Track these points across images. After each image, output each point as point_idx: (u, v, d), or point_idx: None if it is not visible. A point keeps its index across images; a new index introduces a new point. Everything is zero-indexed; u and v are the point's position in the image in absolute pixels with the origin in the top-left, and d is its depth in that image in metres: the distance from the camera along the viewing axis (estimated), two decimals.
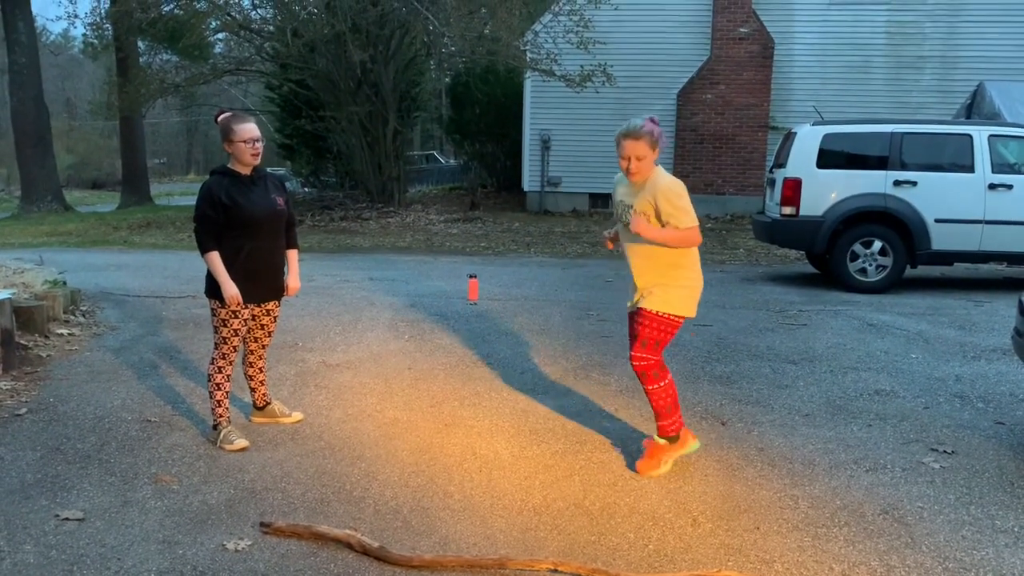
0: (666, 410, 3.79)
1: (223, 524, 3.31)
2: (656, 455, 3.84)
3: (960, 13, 15.66)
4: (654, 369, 3.75)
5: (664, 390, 3.76)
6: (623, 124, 3.65)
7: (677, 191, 3.62)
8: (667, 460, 3.83)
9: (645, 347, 3.75)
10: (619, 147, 3.64)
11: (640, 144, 3.59)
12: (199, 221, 4.02)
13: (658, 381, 3.75)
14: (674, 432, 3.83)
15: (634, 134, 3.59)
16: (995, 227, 8.68)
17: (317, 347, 6.18)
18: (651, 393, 3.78)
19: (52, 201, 20.82)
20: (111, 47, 22.81)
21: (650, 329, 3.74)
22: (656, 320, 3.73)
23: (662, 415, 3.80)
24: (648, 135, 3.58)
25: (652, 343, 3.75)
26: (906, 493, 3.70)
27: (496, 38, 14.88)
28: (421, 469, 3.91)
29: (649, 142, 3.59)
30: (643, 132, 3.58)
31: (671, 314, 3.73)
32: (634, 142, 3.59)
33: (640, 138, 3.58)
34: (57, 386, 5.11)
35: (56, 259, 9.83)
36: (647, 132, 3.58)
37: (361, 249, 12.78)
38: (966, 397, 5.13)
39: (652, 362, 3.75)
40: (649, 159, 3.62)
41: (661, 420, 3.82)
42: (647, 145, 3.59)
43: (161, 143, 50.44)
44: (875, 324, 7.19)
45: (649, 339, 3.74)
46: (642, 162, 3.61)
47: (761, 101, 16.08)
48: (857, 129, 9.18)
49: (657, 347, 3.75)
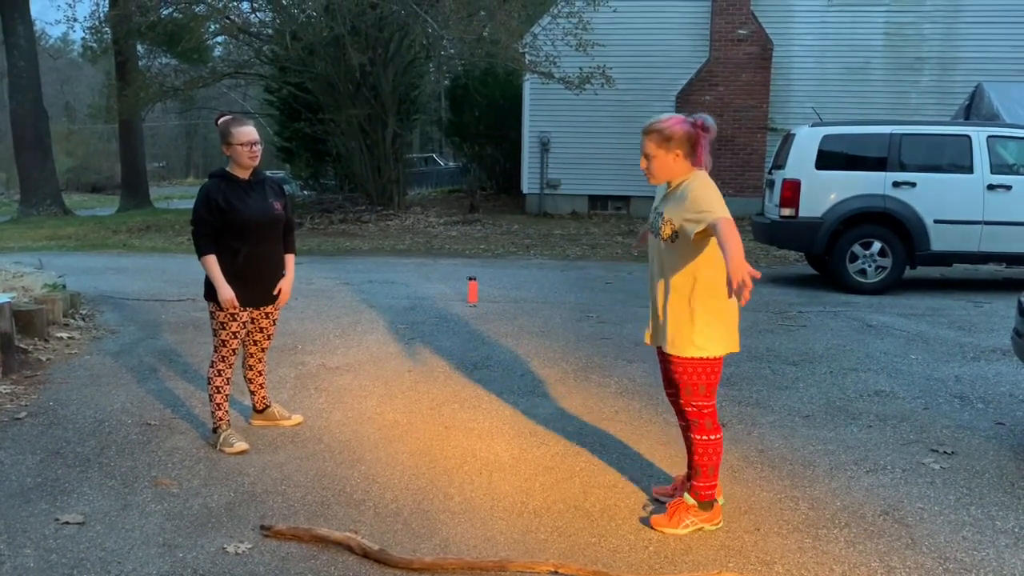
0: (707, 471, 3.30)
1: (223, 527, 3.31)
2: (678, 513, 3.32)
3: (958, 14, 15.68)
4: (709, 418, 3.28)
5: (714, 445, 3.29)
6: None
7: (706, 187, 3.12)
8: (688, 524, 3.29)
9: (691, 394, 3.26)
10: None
11: (648, 141, 3.21)
12: (196, 224, 4.03)
13: (710, 433, 3.28)
14: (707, 499, 3.32)
15: (645, 129, 3.24)
16: (994, 228, 8.68)
17: (317, 350, 6.18)
18: (696, 444, 3.30)
19: (51, 205, 20.82)
20: (110, 51, 22.83)
21: (689, 376, 3.24)
22: (691, 366, 3.23)
23: (702, 474, 3.31)
24: (656, 132, 3.18)
25: (697, 389, 3.25)
26: (906, 494, 3.70)
27: (495, 40, 14.89)
28: (421, 471, 3.91)
29: (657, 139, 3.18)
30: (652, 128, 3.20)
31: (710, 357, 3.21)
32: (644, 138, 3.23)
33: (648, 134, 3.22)
34: (57, 390, 5.11)
35: (55, 263, 9.84)
36: (656, 128, 3.19)
37: (360, 252, 12.78)
38: (966, 398, 5.13)
39: (707, 409, 3.27)
40: (662, 159, 3.19)
41: (698, 480, 3.32)
42: (655, 143, 3.19)
43: (160, 146, 50.45)
44: (875, 325, 7.20)
45: (693, 386, 3.25)
46: (653, 161, 3.21)
47: (760, 102, 16.09)
48: (856, 130, 9.19)
49: (706, 391, 3.25)
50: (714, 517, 3.35)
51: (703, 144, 3.18)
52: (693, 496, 3.34)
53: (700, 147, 3.18)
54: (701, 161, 3.20)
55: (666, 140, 3.18)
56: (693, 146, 3.17)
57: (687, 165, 3.21)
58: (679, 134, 3.16)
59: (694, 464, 3.34)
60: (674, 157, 3.19)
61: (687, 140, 3.17)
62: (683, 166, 3.21)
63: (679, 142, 3.17)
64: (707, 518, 3.33)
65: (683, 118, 3.20)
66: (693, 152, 3.18)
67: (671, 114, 3.26)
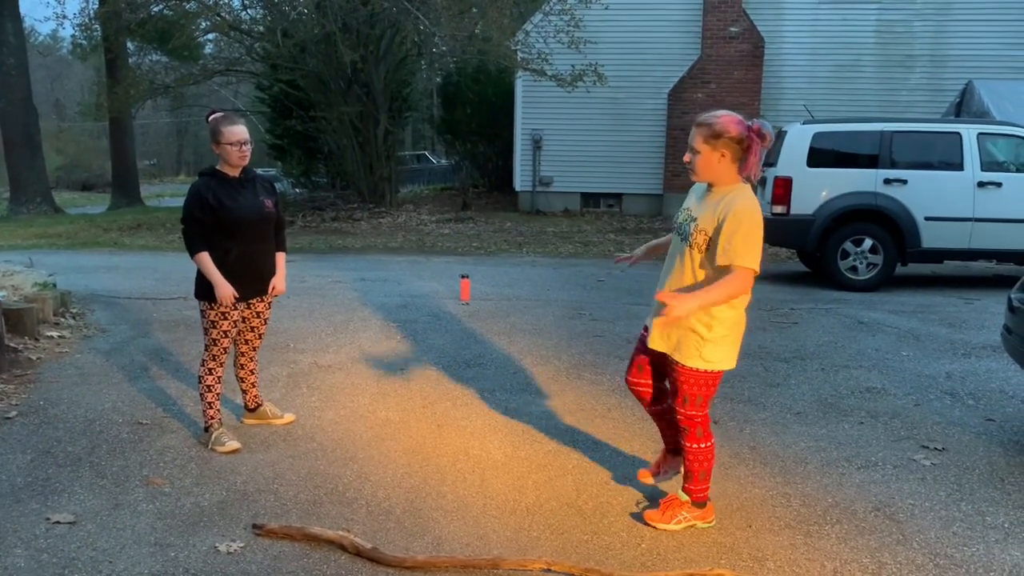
0: (699, 475, 3.31)
1: (215, 526, 3.30)
2: (671, 509, 3.35)
3: (949, 12, 15.73)
4: (701, 426, 3.26)
5: (706, 452, 3.29)
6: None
7: (754, 222, 2.97)
8: (681, 520, 3.32)
9: (688, 404, 3.23)
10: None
11: (697, 134, 3.05)
12: (187, 223, 4.02)
13: (702, 441, 3.27)
14: (700, 500, 3.35)
15: (696, 120, 3.08)
16: (984, 225, 8.72)
17: (309, 348, 6.17)
18: (689, 452, 3.30)
19: (41, 203, 20.72)
20: (100, 48, 22.73)
21: (690, 386, 3.21)
22: (696, 376, 3.19)
23: (696, 479, 3.32)
24: (707, 126, 3.02)
25: (695, 400, 3.22)
26: (897, 490, 3.72)
27: (487, 38, 14.87)
28: (414, 470, 3.91)
29: (706, 134, 3.01)
30: (703, 121, 3.05)
31: (712, 370, 3.18)
32: (694, 130, 3.07)
33: (699, 126, 3.05)
34: (47, 389, 5.09)
35: (46, 261, 9.79)
36: (707, 122, 3.02)
37: (353, 249, 12.76)
38: (956, 394, 5.16)
39: (701, 418, 3.26)
40: (707, 156, 3.03)
41: (692, 484, 3.33)
42: (702, 137, 3.02)
43: (151, 144, 50.24)
44: (866, 322, 7.22)
45: (692, 396, 3.22)
46: (697, 158, 3.05)
47: (751, 100, 16.11)
48: (847, 128, 9.21)
49: (703, 403, 3.24)
50: (707, 515, 3.37)
51: (755, 151, 3.01)
52: (687, 495, 3.36)
53: (752, 153, 3.01)
54: (749, 169, 3.04)
55: (715, 136, 3.01)
56: (745, 150, 3.01)
57: (733, 171, 3.06)
58: (730, 134, 3.00)
59: (687, 469, 3.35)
60: (719, 157, 3.03)
61: (737, 142, 3.00)
62: (729, 171, 3.06)
63: (727, 143, 3.01)
64: (700, 515, 3.36)
65: (740, 119, 3.04)
66: (743, 157, 3.02)
67: (729, 112, 3.08)
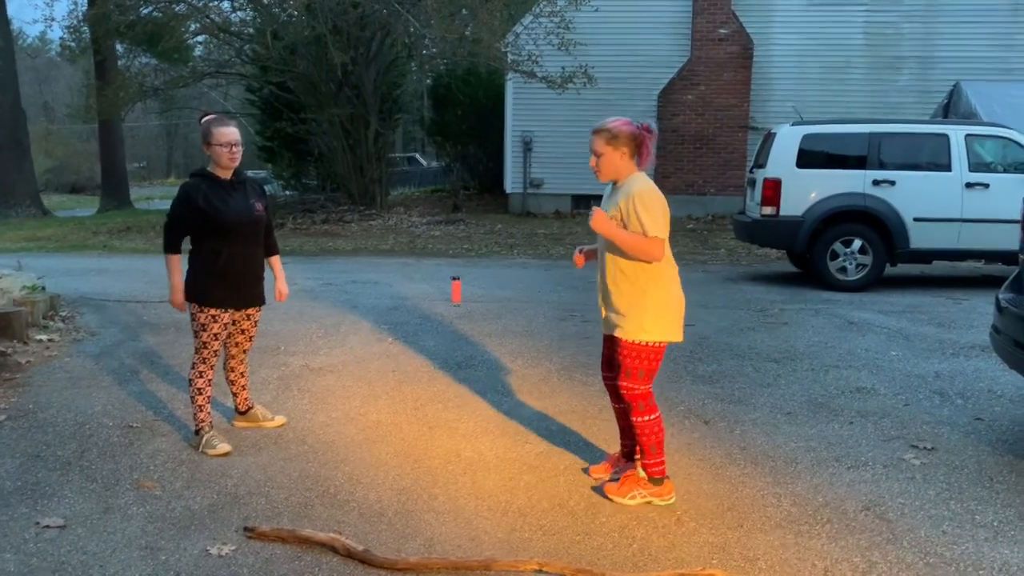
0: (651, 448, 3.52)
1: (206, 529, 3.30)
2: (628, 484, 3.57)
3: (937, 14, 15.82)
4: (642, 400, 3.49)
5: (652, 425, 3.50)
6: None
7: (650, 196, 3.39)
8: (638, 496, 3.52)
9: (630, 377, 3.49)
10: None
11: (597, 139, 3.47)
12: (170, 219, 4.08)
13: (646, 414, 3.49)
14: (657, 475, 3.54)
15: (595, 128, 3.49)
16: (972, 225, 8.77)
17: (300, 351, 6.16)
18: (638, 426, 3.52)
19: (30, 206, 20.62)
20: (89, 50, 22.64)
21: (632, 360, 3.48)
22: (636, 350, 3.46)
23: (647, 452, 3.53)
24: (606, 131, 3.45)
25: (636, 373, 3.47)
26: (887, 489, 3.74)
27: (477, 39, 14.87)
28: (405, 472, 3.91)
29: (606, 138, 3.44)
30: (602, 127, 3.46)
31: (651, 341, 3.45)
32: (594, 137, 3.49)
33: (598, 133, 3.47)
34: (37, 392, 5.07)
35: (35, 264, 9.74)
36: (606, 128, 3.45)
37: (343, 252, 12.74)
38: (945, 394, 5.19)
39: (642, 391, 3.49)
40: (609, 156, 3.45)
41: (646, 458, 3.54)
42: (603, 141, 3.45)
43: (141, 147, 50.01)
44: (855, 322, 7.25)
45: (633, 369, 3.47)
46: (601, 159, 3.47)
47: (741, 101, 16.17)
48: (836, 129, 9.26)
49: (644, 376, 3.48)
50: (664, 492, 3.54)
51: (647, 145, 3.48)
52: (644, 470, 3.57)
53: (645, 147, 3.47)
54: (645, 161, 3.50)
55: (614, 138, 3.45)
56: (638, 146, 3.47)
57: (632, 165, 3.50)
58: (625, 133, 3.44)
59: (640, 444, 3.56)
60: (620, 155, 3.46)
61: (632, 139, 3.45)
62: (628, 165, 3.50)
63: (625, 141, 3.44)
64: (656, 492, 3.53)
65: (629, 120, 3.48)
66: (638, 152, 3.48)
67: (619, 117, 3.52)
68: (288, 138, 19.93)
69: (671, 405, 4.93)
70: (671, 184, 16.49)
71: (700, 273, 10.37)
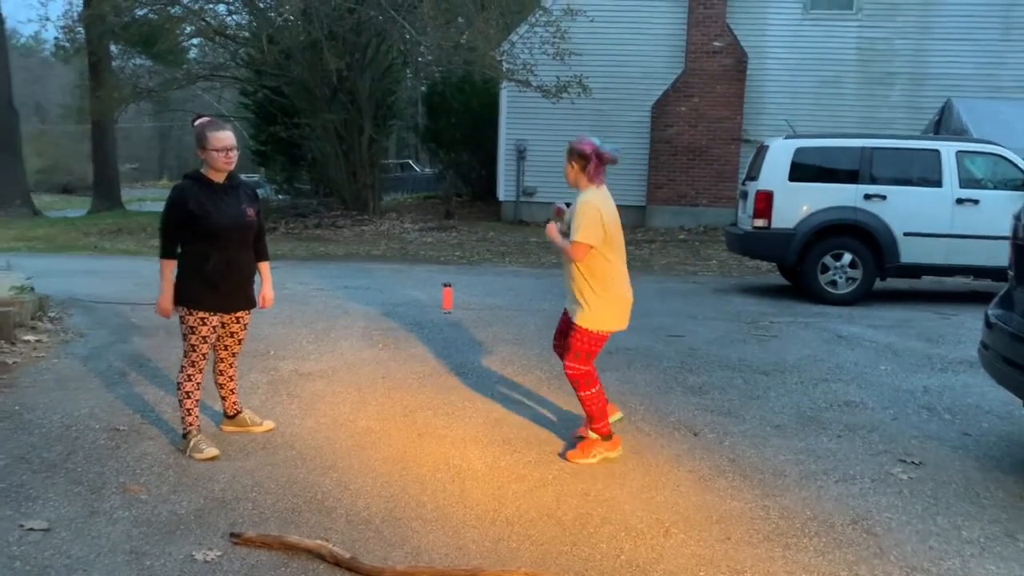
0: (599, 414, 4.15)
1: (192, 534, 3.28)
2: (587, 447, 4.18)
3: (929, 31, 15.94)
4: (585, 378, 4.11)
5: (595, 397, 4.13)
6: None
7: (586, 208, 3.97)
8: (596, 454, 4.16)
9: (577, 359, 4.11)
10: None
11: (567, 153, 4.09)
12: (164, 225, 4.03)
13: (588, 388, 4.12)
14: (606, 434, 4.19)
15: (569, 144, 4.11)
16: (962, 241, 8.82)
17: (289, 355, 6.14)
18: (583, 400, 4.15)
19: (20, 206, 20.52)
20: (83, 51, 22.54)
21: (580, 342, 4.09)
22: (585, 335, 4.09)
23: (595, 419, 4.16)
24: (568, 147, 4.08)
25: (584, 355, 4.10)
26: (875, 504, 3.74)
27: (472, 48, 14.90)
28: (394, 479, 3.89)
29: (566, 152, 4.07)
30: (571, 144, 4.08)
31: (596, 330, 4.08)
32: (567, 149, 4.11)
33: (568, 148, 4.09)
34: (23, 393, 5.03)
35: (24, 264, 9.69)
36: (572, 144, 4.06)
37: (335, 257, 12.72)
38: (933, 408, 5.21)
39: (583, 371, 4.11)
40: (567, 168, 4.09)
41: (594, 424, 4.17)
42: (566, 154, 4.08)
43: (133, 148, 49.84)
44: (845, 336, 7.28)
45: (581, 351, 4.10)
46: (566, 168, 4.09)
47: (734, 114, 16.24)
48: (828, 143, 9.30)
49: (588, 358, 4.11)
50: (614, 446, 4.20)
51: (595, 164, 4.01)
52: (596, 433, 4.18)
53: (592, 166, 4.01)
54: (595, 179, 4.05)
55: (568, 153, 4.07)
56: (586, 163, 4.01)
57: (584, 179, 4.06)
58: (575, 151, 4.03)
59: (587, 413, 4.18)
60: (572, 169, 4.07)
61: (581, 157, 4.02)
62: (580, 177, 4.07)
63: (575, 157, 4.03)
64: (608, 447, 4.19)
65: (591, 143, 4.03)
66: (584, 168, 4.03)
67: (588, 138, 4.08)
68: (282, 142, 19.91)
69: (660, 416, 4.93)
70: (663, 195, 16.54)
71: (691, 284, 10.39)
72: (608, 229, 3.99)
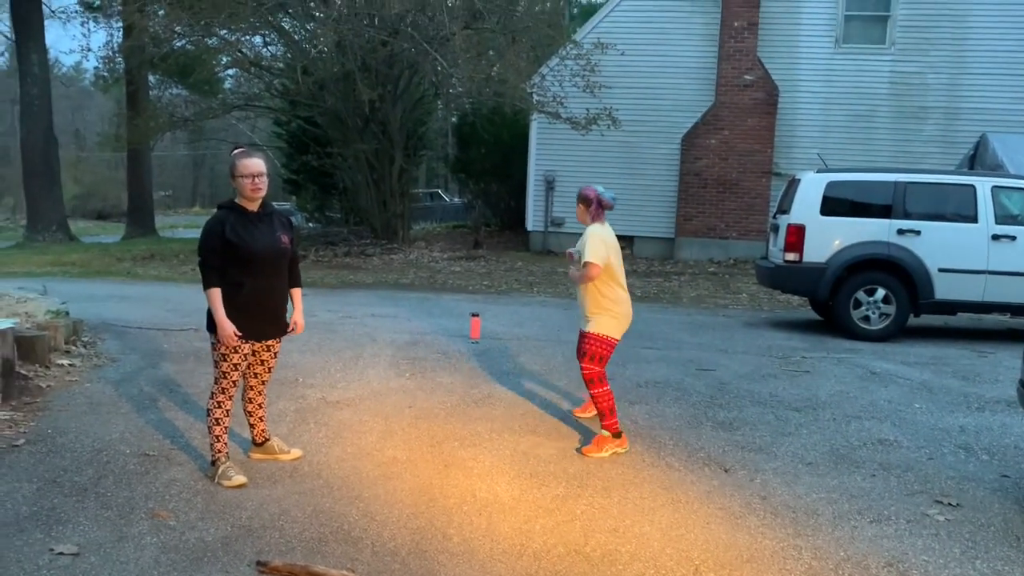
0: (609, 411, 4.82)
1: (219, 562, 3.27)
2: (600, 444, 4.80)
3: (963, 65, 15.83)
4: (597, 377, 4.86)
5: (605, 395, 4.83)
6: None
7: (590, 238, 4.83)
8: (607, 449, 4.78)
9: (592, 360, 4.87)
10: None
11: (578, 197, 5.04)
12: (204, 256, 4.04)
13: (600, 387, 4.84)
14: (615, 431, 4.83)
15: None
16: (999, 278, 8.68)
17: (317, 383, 6.15)
18: (595, 396, 4.85)
19: (57, 231, 20.91)
20: (122, 80, 23.08)
21: (592, 347, 4.88)
22: (596, 340, 4.88)
23: (605, 415, 4.82)
24: (580, 192, 5.01)
25: (597, 357, 4.88)
26: (911, 546, 3.65)
27: (503, 80, 15.04)
28: (420, 510, 3.87)
29: (579, 195, 5.01)
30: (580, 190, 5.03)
31: (606, 335, 4.88)
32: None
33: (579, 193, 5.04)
34: (56, 417, 5.08)
35: (59, 289, 9.84)
36: (579, 190, 5.03)
37: (364, 285, 12.79)
38: (971, 449, 5.09)
39: (596, 371, 4.87)
40: (578, 209, 5.02)
41: (605, 420, 4.83)
42: (578, 199, 5.01)
43: (167, 176, 50.74)
44: (878, 372, 7.16)
45: (595, 354, 4.88)
46: (577, 209, 5.03)
47: (765, 147, 16.19)
48: (861, 177, 9.23)
49: (600, 360, 4.88)
50: (623, 443, 4.85)
51: (595, 207, 4.94)
52: (607, 431, 4.80)
53: (593, 207, 4.94)
54: (596, 218, 4.95)
55: (578, 197, 5.01)
56: (588, 206, 4.96)
57: (588, 217, 4.98)
58: (581, 195, 5.00)
59: (599, 410, 4.85)
60: (580, 209, 5.00)
61: (585, 200, 4.97)
62: (586, 216, 4.98)
63: (581, 200, 4.98)
64: (618, 444, 4.82)
65: (595, 190, 4.97)
66: (587, 209, 4.96)
67: (593, 187, 5.02)
68: (313, 171, 20.17)
69: (690, 451, 4.87)
70: (692, 227, 16.48)
71: (721, 318, 10.31)
72: (610, 253, 4.84)
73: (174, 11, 14.81)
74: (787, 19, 16.19)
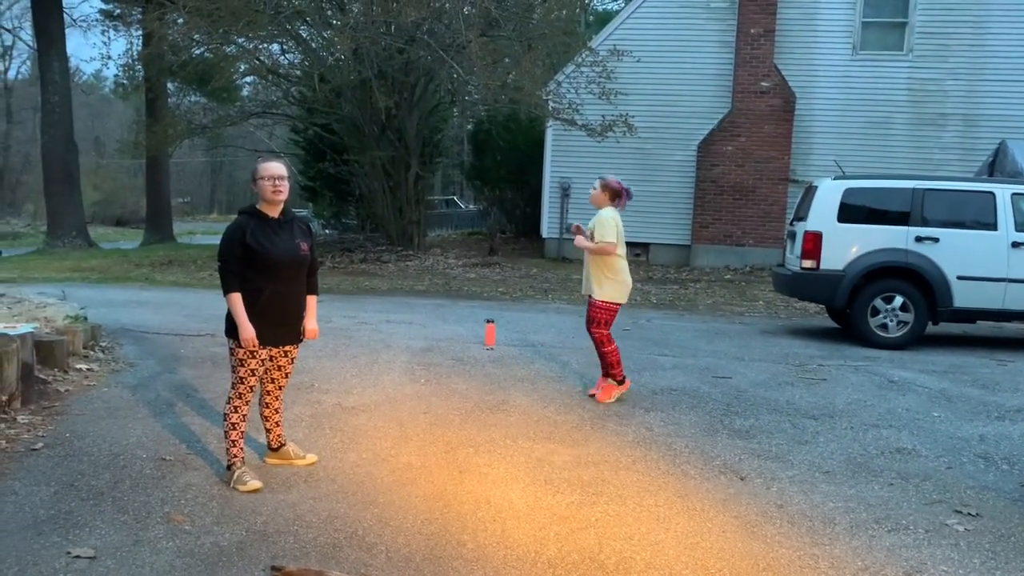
0: (616, 363, 5.94)
1: (234, 566, 3.28)
2: (609, 391, 5.99)
3: (982, 71, 15.72)
4: (604, 338, 5.90)
5: (613, 352, 5.92)
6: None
7: (605, 220, 5.79)
8: (615, 395, 5.99)
9: (599, 325, 5.91)
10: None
11: (599, 182, 5.97)
12: (223, 261, 4.06)
13: (609, 346, 5.91)
14: (620, 378, 6.01)
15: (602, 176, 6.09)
16: (1019, 285, 8.59)
17: (333, 389, 6.17)
18: (604, 354, 5.92)
19: (76, 237, 21.13)
20: (141, 88, 23.32)
21: (599, 312, 5.89)
22: (602, 307, 5.89)
23: (613, 367, 5.95)
24: (603, 180, 5.96)
25: (603, 322, 5.90)
26: (929, 556, 3.61)
27: (519, 87, 15.06)
28: (434, 516, 3.87)
29: (601, 184, 5.94)
30: (604, 178, 5.99)
31: (610, 301, 5.88)
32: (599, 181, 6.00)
33: (601, 179, 5.99)
34: (74, 421, 5.12)
35: (78, 294, 9.93)
36: (604, 179, 5.96)
37: (379, 291, 12.83)
38: (990, 458, 5.04)
39: (604, 334, 5.90)
40: (598, 195, 5.95)
41: (612, 370, 5.96)
42: (600, 184, 5.95)
43: (185, 182, 51.17)
44: (896, 381, 7.10)
45: (600, 319, 5.90)
46: (594, 193, 5.97)
47: (781, 154, 16.13)
48: (879, 184, 9.17)
49: (606, 324, 5.90)
50: (625, 387, 6.06)
51: (622, 198, 5.96)
52: (614, 379, 5.99)
53: (620, 198, 5.96)
54: (620, 206, 5.97)
55: (605, 186, 5.92)
56: (615, 195, 5.94)
57: (607, 202, 5.92)
58: (612, 187, 5.92)
59: (608, 363, 5.95)
60: (601, 194, 5.93)
61: (615, 192, 5.94)
62: (605, 202, 5.92)
63: (610, 190, 5.91)
64: (623, 389, 6.04)
65: (619, 181, 5.95)
66: (612, 199, 5.93)
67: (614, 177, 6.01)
68: (330, 178, 20.26)
69: (706, 459, 4.84)
70: (708, 234, 16.43)
71: (737, 325, 10.26)
72: (619, 233, 5.82)
73: (193, 19, 14.95)
74: (804, 26, 16.14)
